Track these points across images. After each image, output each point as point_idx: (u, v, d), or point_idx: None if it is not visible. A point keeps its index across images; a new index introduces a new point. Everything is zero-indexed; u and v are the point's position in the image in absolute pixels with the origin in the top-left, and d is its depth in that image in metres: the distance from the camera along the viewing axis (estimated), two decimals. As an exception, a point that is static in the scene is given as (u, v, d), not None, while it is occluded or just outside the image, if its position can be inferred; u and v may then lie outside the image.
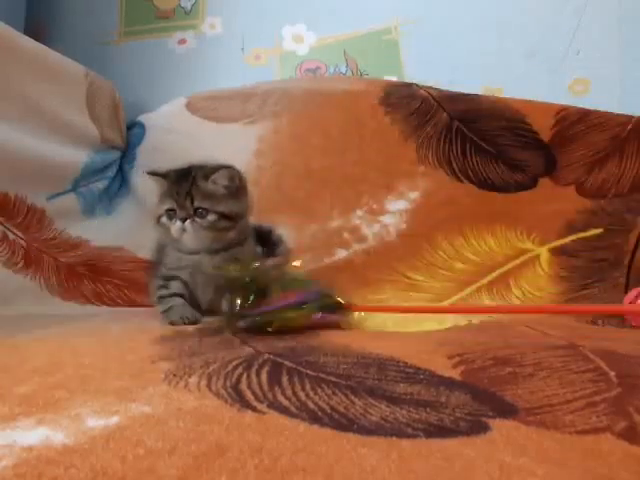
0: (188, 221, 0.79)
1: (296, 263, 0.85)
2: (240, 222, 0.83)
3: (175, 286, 0.82)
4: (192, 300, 0.82)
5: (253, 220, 1.03)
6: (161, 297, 0.81)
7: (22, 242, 0.98)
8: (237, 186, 0.83)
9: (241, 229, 0.84)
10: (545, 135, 1.09)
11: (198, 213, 0.79)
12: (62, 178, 1.09)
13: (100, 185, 1.18)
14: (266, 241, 1.03)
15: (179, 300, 0.80)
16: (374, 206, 1.11)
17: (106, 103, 1.23)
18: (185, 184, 0.80)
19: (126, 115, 1.28)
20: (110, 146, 1.22)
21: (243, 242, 0.84)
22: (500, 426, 0.32)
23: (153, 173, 0.83)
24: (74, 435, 0.29)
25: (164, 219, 0.80)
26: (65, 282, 1.02)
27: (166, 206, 0.80)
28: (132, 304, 1.04)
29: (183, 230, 0.78)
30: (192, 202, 0.79)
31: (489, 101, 1.15)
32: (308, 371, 0.41)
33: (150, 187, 0.87)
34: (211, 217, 0.79)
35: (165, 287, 0.82)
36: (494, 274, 1.02)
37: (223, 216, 0.80)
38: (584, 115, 1.09)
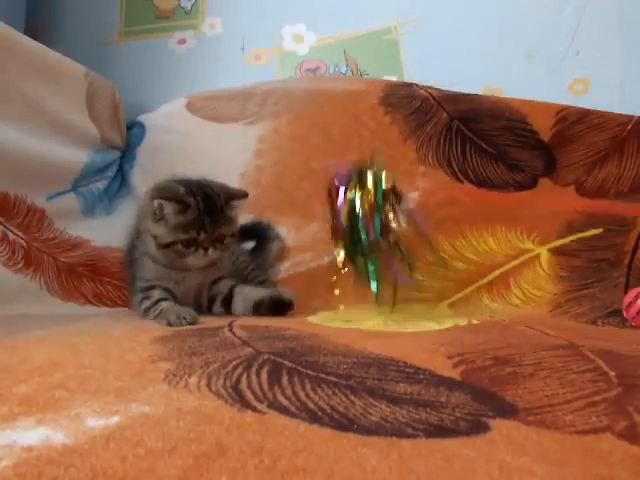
0: (211, 249, 0.79)
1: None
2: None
3: (157, 293, 0.80)
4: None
5: (254, 217, 1.04)
6: (146, 309, 0.79)
7: (22, 242, 0.98)
8: None
9: None
10: (545, 135, 1.09)
11: (218, 239, 0.80)
12: (62, 178, 1.09)
13: (100, 185, 1.18)
14: (262, 237, 1.04)
15: (166, 303, 0.78)
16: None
17: (106, 103, 1.23)
18: (217, 216, 0.79)
19: (126, 115, 1.28)
20: (110, 146, 1.22)
21: None
22: (500, 426, 0.32)
23: (174, 199, 0.78)
24: (74, 435, 0.29)
25: (179, 247, 0.78)
26: (65, 282, 1.01)
27: (188, 236, 0.77)
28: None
29: (205, 257, 0.79)
30: (218, 230, 0.79)
31: (489, 101, 1.14)
32: (308, 371, 0.41)
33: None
34: (228, 240, 0.81)
35: (147, 297, 0.81)
36: (494, 274, 1.02)
37: (233, 235, 0.83)
38: (584, 115, 1.09)
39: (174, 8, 1.45)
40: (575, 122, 1.09)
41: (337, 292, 0.60)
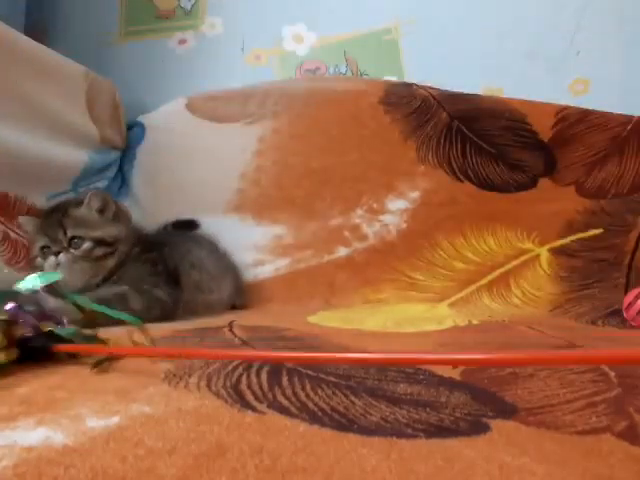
0: (62, 254, 0.74)
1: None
2: (120, 248, 0.78)
3: None
4: None
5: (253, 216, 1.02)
6: None
7: (24, 241, 0.98)
8: (114, 211, 0.80)
9: (121, 257, 0.78)
10: (545, 135, 1.09)
11: (73, 244, 0.75)
12: (62, 178, 1.09)
13: (100, 185, 1.18)
14: None
15: None
16: (374, 205, 1.11)
17: (106, 103, 1.23)
18: (56, 215, 0.77)
19: (126, 115, 1.28)
20: (110, 146, 1.22)
21: (119, 278, 0.76)
22: (500, 426, 0.32)
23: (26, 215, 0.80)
24: (74, 435, 0.29)
25: (39, 260, 0.75)
26: (65, 282, 1.02)
27: (40, 244, 0.75)
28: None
29: (57, 264, 0.74)
30: (64, 233, 0.75)
31: (489, 101, 1.15)
32: (308, 371, 0.41)
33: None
34: (87, 245, 0.75)
35: None
36: (494, 274, 1.02)
37: (100, 242, 0.76)
38: (584, 115, 1.09)
39: (174, 8, 1.45)
40: (575, 122, 1.09)
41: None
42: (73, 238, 0.75)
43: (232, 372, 0.41)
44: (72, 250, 0.74)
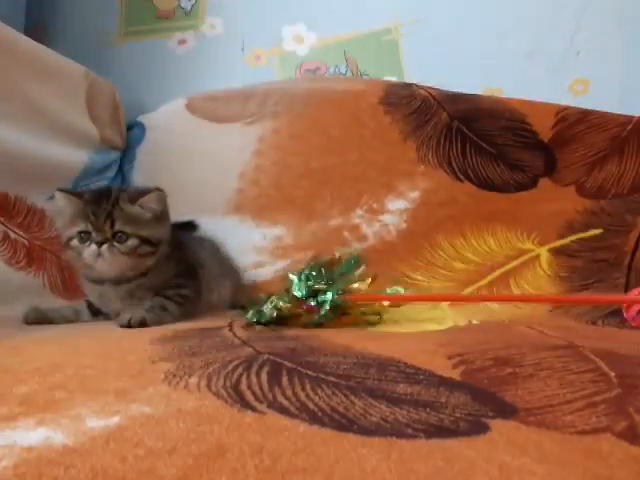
0: (105, 245, 0.72)
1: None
2: (161, 248, 0.78)
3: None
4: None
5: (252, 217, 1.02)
6: None
7: (24, 241, 0.98)
8: (162, 210, 0.78)
9: (160, 258, 0.78)
10: (545, 135, 1.09)
11: (117, 237, 0.73)
12: (62, 178, 1.09)
13: (100, 185, 1.18)
14: None
15: None
16: (374, 205, 1.11)
17: (106, 103, 1.23)
18: (105, 205, 0.74)
19: (126, 115, 1.28)
20: (110, 146, 1.22)
21: (149, 272, 0.77)
22: (500, 426, 0.32)
23: (64, 190, 0.77)
24: (74, 435, 0.29)
25: (75, 242, 0.74)
26: (68, 280, 1.02)
27: (79, 228, 0.73)
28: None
29: (98, 255, 0.72)
30: (112, 225, 0.73)
31: (489, 101, 1.14)
32: (308, 371, 0.41)
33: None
34: (132, 242, 0.74)
35: None
36: (494, 274, 1.02)
37: (145, 241, 0.75)
38: (584, 115, 1.09)
39: (174, 8, 1.45)
40: (575, 122, 1.09)
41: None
42: (118, 232, 0.73)
43: (232, 372, 0.41)
44: (115, 244, 0.73)
